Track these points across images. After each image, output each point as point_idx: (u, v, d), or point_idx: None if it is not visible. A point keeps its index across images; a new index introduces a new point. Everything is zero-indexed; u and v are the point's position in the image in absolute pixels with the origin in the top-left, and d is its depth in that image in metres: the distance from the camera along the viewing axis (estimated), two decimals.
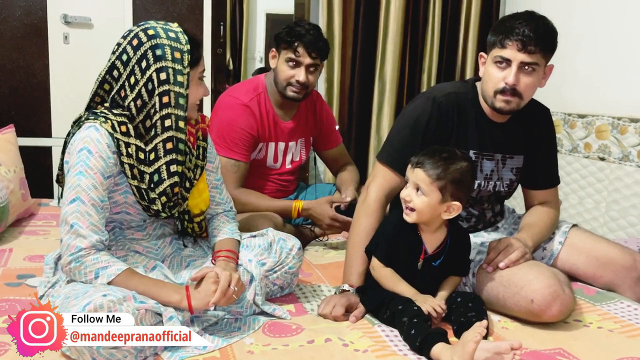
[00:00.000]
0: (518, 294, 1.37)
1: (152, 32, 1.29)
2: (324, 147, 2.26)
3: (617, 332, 1.36)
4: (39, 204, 2.40)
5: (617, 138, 2.49)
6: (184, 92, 1.29)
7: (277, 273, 1.47)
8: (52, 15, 2.86)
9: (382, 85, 3.12)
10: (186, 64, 1.29)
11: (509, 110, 1.50)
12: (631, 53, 2.44)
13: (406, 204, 1.38)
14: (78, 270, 1.22)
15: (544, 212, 1.65)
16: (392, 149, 1.57)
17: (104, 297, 1.10)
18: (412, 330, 1.25)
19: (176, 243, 1.50)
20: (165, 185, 1.31)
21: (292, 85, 1.97)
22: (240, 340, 1.26)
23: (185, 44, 1.29)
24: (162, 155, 1.30)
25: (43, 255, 1.52)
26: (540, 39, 1.42)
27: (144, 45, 1.28)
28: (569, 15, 2.68)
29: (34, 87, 2.90)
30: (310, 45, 1.93)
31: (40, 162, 2.92)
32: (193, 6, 3.06)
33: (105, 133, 1.26)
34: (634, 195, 2.41)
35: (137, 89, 1.28)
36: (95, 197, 1.24)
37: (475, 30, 3.19)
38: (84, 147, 1.25)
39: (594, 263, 1.60)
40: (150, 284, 1.24)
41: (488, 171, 1.61)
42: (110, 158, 1.26)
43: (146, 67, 1.27)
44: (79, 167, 1.24)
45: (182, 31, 1.31)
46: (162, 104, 1.28)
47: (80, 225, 1.22)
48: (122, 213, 1.37)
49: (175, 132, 1.30)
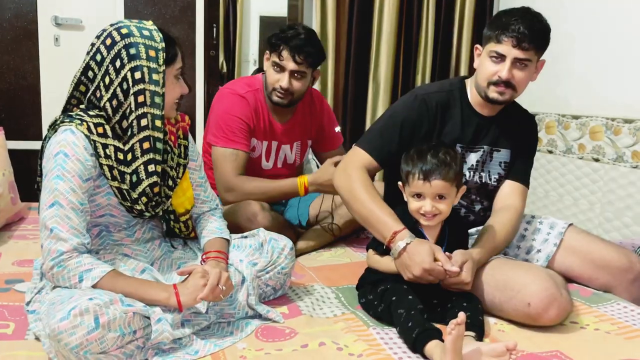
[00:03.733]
0: (515, 298, 1.36)
1: (125, 31, 1.26)
2: (324, 148, 2.23)
3: (614, 334, 1.35)
4: (29, 207, 2.37)
5: (611, 139, 2.49)
6: (160, 91, 1.27)
7: (270, 273, 1.46)
8: (42, 17, 2.84)
9: (376, 86, 3.11)
10: (161, 62, 1.26)
11: (503, 100, 1.55)
12: (625, 54, 2.44)
13: (430, 214, 1.38)
14: (61, 275, 1.19)
15: (506, 222, 1.58)
16: (369, 137, 1.62)
17: (90, 300, 1.08)
18: (409, 323, 1.24)
19: (165, 245, 1.48)
20: (144, 185, 1.30)
21: (276, 90, 1.95)
22: (232, 345, 1.24)
23: (160, 42, 1.27)
24: (139, 155, 1.28)
25: (32, 260, 1.50)
26: (534, 37, 1.47)
27: (118, 44, 1.25)
28: (563, 16, 2.68)
29: (24, 90, 2.87)
30: (294, 50, 1.87)
31: (30, 165, 2.87)
32: (185, 8, 3.04)
33: (81, 135, 1.24)
34: (629, 196, 2.41)
35: (112, 88, 1.26)
36: (74, 201, 1.21)
37: (469, 31, 3.20)
38: (60, 151, 1.22)
39: (589, 265, 1.59)
40: (137, 284, 1.22)
41: (473, 162, 1.64)
42: (88, 160, 1.24)
43: (120, 66, 1.25)
44: (55, 171, 1.21)
45: (156, 29, 1.29)
46: (137, 104, 1.26)
47: (60, 229, 1.19)
48: (107, 215, 1.35)
49: (152, 131, 1.28)
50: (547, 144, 2.84)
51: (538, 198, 2.88)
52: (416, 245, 1.34)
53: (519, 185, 1.66)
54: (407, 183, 1.41)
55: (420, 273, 1.30)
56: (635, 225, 2.39)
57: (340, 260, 1.90)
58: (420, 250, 1.33)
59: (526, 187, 1.69)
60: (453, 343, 1.11)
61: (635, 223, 2.38)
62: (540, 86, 1.56)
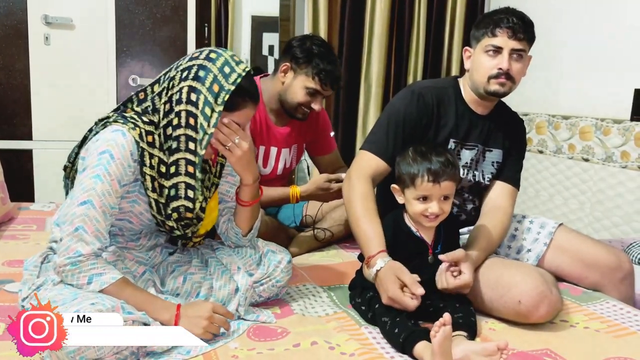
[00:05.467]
0: (505, 296, 1.37)
1: (213, 56, 1.26)
2: (318, 152, 2.23)
3: (604, 332, 1.36)
4: (19, 208, 2.35)
5: (600, 139, 2.51)
6: (207, 128, 1.23)
7: (264, 286, 1.43)
8: (32, 16, 2.81)
9: (368, 86, 3.12)
10: (220, 102, 1.22)
11: (504, 92, 1.56)
12: (614, 55, 2.47)
13: (434, 215, 1.36)
14: (72, 273, 1.19)
15: (497, 223, 1.58)
16: (375, 138, 1.60)
17: (92, 305, 1.08)
18: (395, 329, 1.24)
19: (166, 251, 1.47)
20: (179, 203, 1.28)
21: (304, 109, 1.95)
22: (224, 345, 1.23)
23: (231, 84, 1.22)
24: (183, 172, 1.26)
25: (22, 261, 1.48)
26: (527, 27, 1.52)
27: (197, 60, 1.25)
28: (553, 17, 2.70)
29: (14, 89, 2.85)
30: (337, 82, 1.94)
31: (21, 165, 2.87)
32: (177, 7, 3.03)
33: (131, 140, 1.22)
34: (618, 196, 2.43)
35: (171, 93, 1.25)
36: (107, 204, 1.21)
37: (460, 30, 3.21)
38: (107, 151, 1.21)
39: (579, 264, 1.61)
40: (142, 298, 1.21)
41: (467, 160, 1.64)
42: (131, 167, 1.23)
43: (184, 78, 1.24)
44: (97, 170, 1.20)
45: (241, 74, 1.24)
46: (188, 123, 1.23)
47: (85, 230, 1.19)
48: (125, 221, 1.34)
49: (194, 157, 1.25)
50: (537, 144, 2.86)
51: (529, 198, 2.90)
52: (384, 273, 1.31)
53: (509, 187, 1.67)
54: (411, 186, 1.37)
55: (387, 301, 1.29)
56: (624, 225, 2.41)
57: (332, 260, 1.90)
58: (386, 279, 1.30)
59: (516, 188, 1.69)
60: (440, 345, 1.11)
61: (625, 222, 2.40)
62: (531, 87, 1.58)
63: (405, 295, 1.26)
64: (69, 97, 2.91)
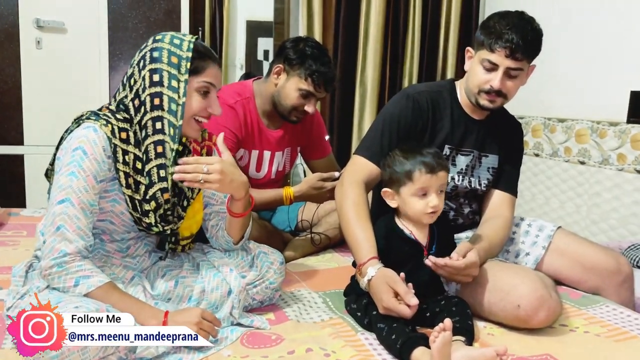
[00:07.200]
0: (504, 300, 1.35)
1: (158, 37, 1.29)
2: (312, 156, 2.21)
3: (604, 336, 1.35)
4: (9, 213, 2.32)
5: (596, 142, 2.50)
6: (178, 100, 1.25)
7: (257, 288, 1.41)
8: (24, 20, 2.79)
9: (364, 90, 3.11)
10: (183, 71, 1.25)
11: (494, 108, 1.55)
12: (610, 57, 2.46)
13: (435, 210, 1.36)
14: (58, 275, 1.17)
15: (499, 229, 1.57)
16: (369, 143, 1.57)
17: (75, 309, 1.06)
18: (392, 336, 1.22)
19: (155, 256, 1.45)
20: (155, 189, 1.27)
21: (298, 111, 1.94)
22: (217, 352, 1.21)
23: (187, 51, 1.26)
24: (152, 157, 1.26)
25: (11, 267, 1.45)
26: (527, 47, 1.44)
27: (147, 47, 1.29)
28: (549, 20, 2.69)
29: (5, 94, 2.82)
30: (330, 84, 1.93)
31: (11, 170, 2.84)
32: (170, 11, 3.01)
33: (103, 136, 1.22)
34: (615, 199, 2.42)
35: (135, 88, 1.27)
36: (85, 201, 1.20)
37: (455, 34, 3.21)
38: (79, 147, 1.20)
39: (578, 268, 1.59)
40: (130, 304, 1.19)
41: (463, 166, 1.62)
42: (105, 162, 1.22)
43: (142, 67, 1.26)
44: (71, 167, 1.19)
45: (191, 40, 1.29)
46: (153, 105, 1.25)
47: (67, 228, 1.17)
48: (106, 222, 1.32)
49: (165, 136, 1.25)
50: (533, 147, 2.85)
51: (525, 201, 2.89)
52: (376, 283, 1.28)
53: (508, 196, 1.66)
54: (409, 182, 1.36)
55: (383, 311, 1.27)
56: (621, 228, 2.39)
57: (327, 265, 1.88)
58: (379, 289, 1.27)
59: (515, 196, 1.68)
60: (439, 351, 1.09)
61: (621, 225, 2.39)
62: (527, 90, 1.56)
63: (401, 304, 1.24)
64: (61, 101, 2.88)
